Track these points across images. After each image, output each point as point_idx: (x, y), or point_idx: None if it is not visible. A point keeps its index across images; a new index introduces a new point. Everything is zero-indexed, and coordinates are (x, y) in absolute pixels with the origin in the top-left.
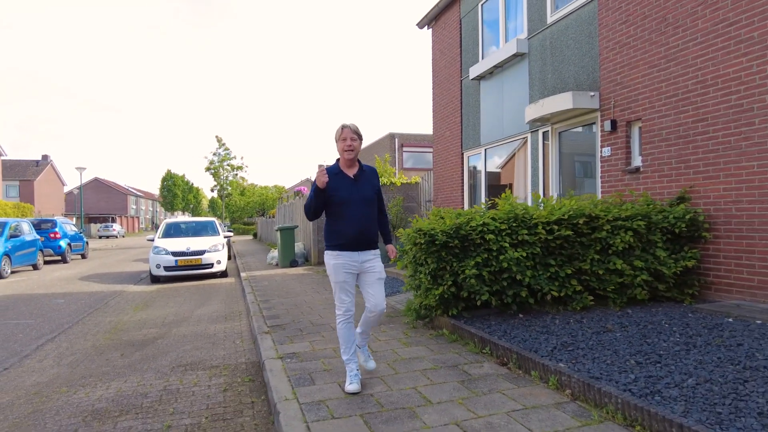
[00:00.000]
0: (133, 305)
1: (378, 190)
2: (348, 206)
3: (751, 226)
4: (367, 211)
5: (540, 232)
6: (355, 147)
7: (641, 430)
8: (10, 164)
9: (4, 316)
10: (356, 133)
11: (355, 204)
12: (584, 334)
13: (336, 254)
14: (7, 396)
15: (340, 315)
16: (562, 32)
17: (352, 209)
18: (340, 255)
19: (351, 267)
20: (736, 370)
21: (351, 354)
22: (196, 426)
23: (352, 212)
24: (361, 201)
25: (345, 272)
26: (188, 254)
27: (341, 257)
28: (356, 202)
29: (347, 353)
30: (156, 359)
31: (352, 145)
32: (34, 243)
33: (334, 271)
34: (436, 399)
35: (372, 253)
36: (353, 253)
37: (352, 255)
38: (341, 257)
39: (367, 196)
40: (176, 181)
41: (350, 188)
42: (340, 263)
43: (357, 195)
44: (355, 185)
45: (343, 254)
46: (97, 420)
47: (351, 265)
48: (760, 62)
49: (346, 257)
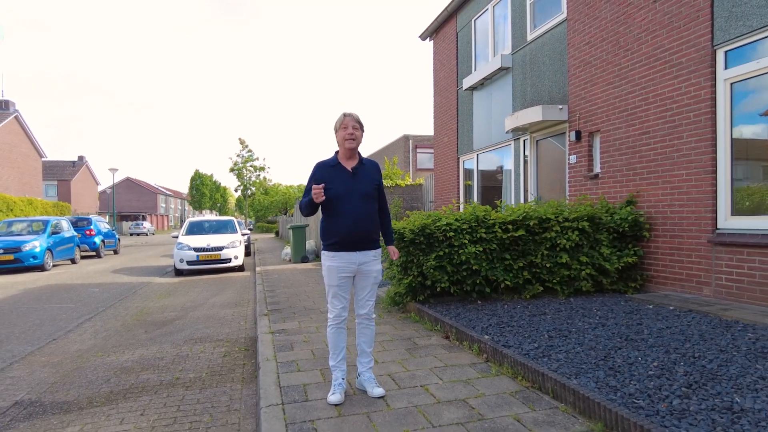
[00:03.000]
0: (157, 294)
1: (379, 185)
2: (344, 201)
3: (681, 227)
4: (366, 207)
5: (497, 230)
6: (357, 137)
7: (521, 380)
8: (49, 165)
9: (49, 301)
10: (358, 122)
11: (351, 199)
12: (521, 317)
13: (332, 255)
14: (57, 357)
15: (331, 320)
16: (540, 49)
17: (348, 204)
18: (336, 256)
19: (347, 270)
20: (619, 341)
21: (338, 360)
22: (198, 378)
23: (349, 208)
24: (358, 196)
25: (340, 276)
26: (208, 250)
27: (337, 259)
28: (353, 196)
29: (334, 359)
30: (173, 335)
31: (354, 134)
32: (72, 239)
33: (328, 274)
34: (381, 360)
35: (372, 254)
36: (351, 254)
37: (350, 256)
38: (337, 259)
39: (365, 190)
40: (204, 180)
41: (347, 182)
42: (335, 266)
43: (354, 189)
44: (353, 179)
45: (339, 255)
46: (124, 373)
47: (347, 268)
48: (687, 84)
49: (343, 259)
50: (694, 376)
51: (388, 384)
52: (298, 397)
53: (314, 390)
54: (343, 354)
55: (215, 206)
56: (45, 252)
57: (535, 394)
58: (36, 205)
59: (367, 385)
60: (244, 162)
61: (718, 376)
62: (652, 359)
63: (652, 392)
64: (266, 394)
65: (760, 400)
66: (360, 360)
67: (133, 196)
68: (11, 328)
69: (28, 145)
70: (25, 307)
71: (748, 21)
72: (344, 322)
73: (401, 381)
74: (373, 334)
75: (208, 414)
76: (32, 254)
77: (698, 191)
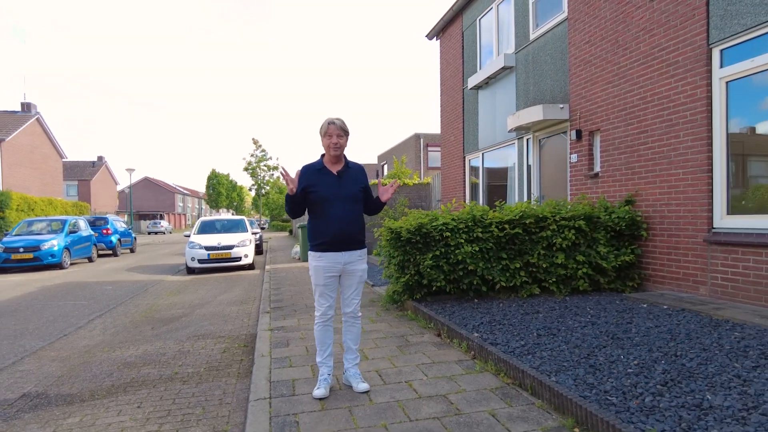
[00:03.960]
0: (168, 292)
1: (365, 187)
2: (329, 204)
3: (678, 226)
4: (351, 209)
5: (493, 230)
6: (341, 144)
7: (503, 376)
8: (69, 165)
9: (64, 298)
10: (343, 129)
11: (336, 202)
12: (514, 315)
13: (318, 255)
14: (66, 352)
15: (318, 317)
16: (542, 48)
17: (333, 208)
18: (322, 257)
19: (332, 270)
20: (605, 340)
21: (325, 357)
22: (196, 373)
23: (334, 210)
24: (343, 199)
25: (326, 275)
26: (219, 249)
27: (323, 259)
28: (338, 199)
29: (321, 355)
30: (177, 331)
31: (338, 142)
32: (89, 238)
33: (314, 274)
34: (372, 356)
35: (357, 254)
36: (336, 254)
37: (335, 256)
38: (323, 259)
39: (350, 193)
40: (220, 180)
41: (332, 185)
42: (322, 266)
43: (339, 192)
44: (338, 182)
45: (325, 256)
46: (126, 368)
47: (333, 268)
48: (683, 83)
49: (329, 259)
50: (672, 374)
51: (374, 379)
52: (286, 392)
53: (302, 385)
54: (329, 351)
55: (232, 205)
56: (63, 251)
57: (515, 391)
58: (56, 204)
59: (353, 381)
60: (257, 161)
61: (695, 374)
62: (633, 357)
63: (627, 390)
64: (256, 389)
65: (730, 397)
66: (346, 356)
67: (151, 195)
68: (26, 324)
69: (49, 146)
70: (41, 304)
71: (743, 19)
72: (331, 320)
73: (387, 377)
74: (359, 332)
75: (201, 407)
76: (51, 253)
77: (694, 190)
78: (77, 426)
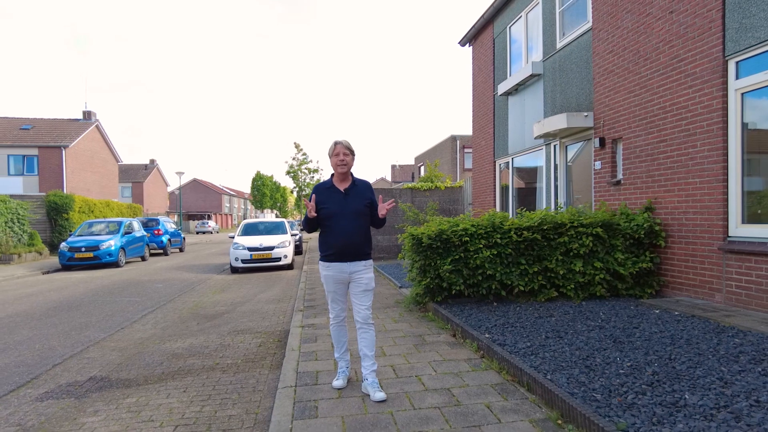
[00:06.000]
0: (213, 290)
1: (371, 202)
2: (337, 219)
3: (695, 234)
4: (356, 224)
5: (512, 235)
6: (348, 162)
7: (505, 374)
8: (124, 168)
9: (120, 294)
10: (348, 149)
11: (343, 217)
12: (528, 318)
13: (327, 265)
14: (124, 343)
15: (332, 319)
16: (568, 57)
17: (340, 222)
18: (330, 266)
19: (340, 278)
20: (608, 343)
21: (342, 353)
22: (234, 364)
23: (341, 225)
24: (349, 214)
25: (334, 283)
26: (261, 249)
27: (330, 268)
28: (345, 215)
29: (338, 351)
30: (220, 327)
31: (345, 160)
32: (142, 239)
33: (325, 281)
34: (389, 353)
35: (362, 264)
36: (343, 264)
37: (342, 266)
38: (330, 268)
39: (356, 209)
40: (265, 181)
41: (340, 202)
42: (329, 274)
43: (346, 208)
44: (345, 199)
45: (332, 265)
46: (175, 358)
47: (340, 276)
48: (700, 93)
49: (336, 269)
50: (659, 376)
51: (388, 373)
52: (310, 381)
53: (324, 376)
54: (345, 347)
55: (275, 206)
56: (119, 250)
57: (513, 387)
58: (112, 206)
59: (370, 389)
60: (299, 165)
61: (681, 376)
62: (628, 360)
63: (614, 388)
64: (284, 378)
65: (706, 397)
66: (363, 364)
67: (199, 196)
68: (89, 318)
69: (106, 151)
70: (101, 300)
71: (757, 32)
72: (343, 321)
73: (400, 371)
74: (373, 338)
75: (237, 393)
76: (108, 252)
77: (710, 199)
78: (134, 405)
